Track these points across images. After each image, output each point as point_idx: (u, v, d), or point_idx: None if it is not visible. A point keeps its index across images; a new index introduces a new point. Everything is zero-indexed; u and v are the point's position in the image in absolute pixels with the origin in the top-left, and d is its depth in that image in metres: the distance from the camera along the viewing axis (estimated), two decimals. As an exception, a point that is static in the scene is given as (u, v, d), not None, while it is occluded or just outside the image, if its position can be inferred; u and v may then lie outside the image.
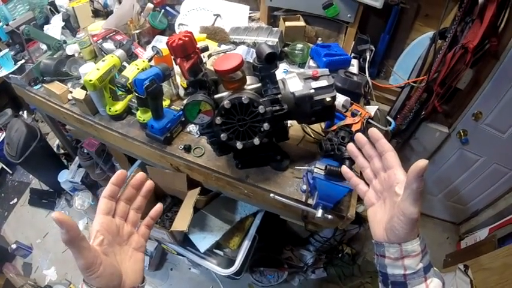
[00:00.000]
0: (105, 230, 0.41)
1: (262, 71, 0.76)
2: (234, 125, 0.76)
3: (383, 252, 0.44)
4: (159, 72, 0.90)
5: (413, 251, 0.41)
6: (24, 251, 1.89)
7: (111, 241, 0.42)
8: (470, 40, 1.07)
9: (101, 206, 0.43)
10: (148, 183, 0.48)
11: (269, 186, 0.89)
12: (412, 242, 0.41)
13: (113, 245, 0.42)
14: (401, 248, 0.42)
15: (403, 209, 0.41)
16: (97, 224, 0.41)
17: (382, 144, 0.47)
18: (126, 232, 0.45)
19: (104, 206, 0.43)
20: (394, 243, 0.42)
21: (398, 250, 0.42)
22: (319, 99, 0.78)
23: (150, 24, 1.33)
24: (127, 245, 0.45)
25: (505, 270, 1.25)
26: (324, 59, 1.08)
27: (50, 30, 1.42)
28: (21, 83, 1.28)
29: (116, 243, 0.43)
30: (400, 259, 0.42)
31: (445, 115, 1.40)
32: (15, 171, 2.34)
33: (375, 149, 0.49)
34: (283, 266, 1.60)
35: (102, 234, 0.41)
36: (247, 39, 1.20)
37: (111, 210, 0.43)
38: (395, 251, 0.42)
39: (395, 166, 0.45)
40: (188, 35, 0.72)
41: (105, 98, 1.06)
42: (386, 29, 1.27)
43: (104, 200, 0.43)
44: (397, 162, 0.45)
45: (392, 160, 0.45)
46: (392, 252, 0.43)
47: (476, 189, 1.65)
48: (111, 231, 0.42)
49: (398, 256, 0.42)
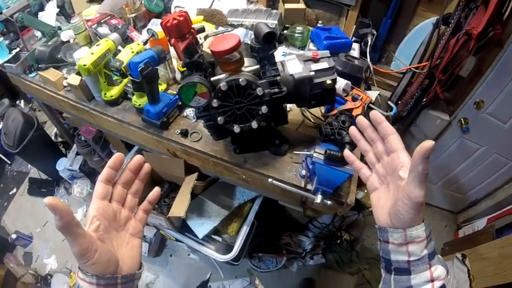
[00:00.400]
0: (101, 215, 0.40)
1: (261, 52, 0.73)
2: (231, 108, 0.74)
3: (386, 238, 0.43)
4: (154, 55, 0.88)
5: (418, 236, 0.40)
6: (24, 241, 1.90)
7: (107, 227, 0.40)
8: (474, 27, 1.05)
9: (97, 191, 0.41)
10: (146, 166, 0.47)
11: (267, 171, 0.88)
12: (417, 228, 0.40)
13: (109, 230, 0.41)
14: (406, 234, 0.40)
15: (408, 192, 0.39)
16: (93, 209, 0.40)
17: (385, 127, 0.45)
18: (123, 217, 0.44)
19: (100, 190, 0.41)
20: (398, 228, 0.41)
21: (403, 235, 0.40)
22: (319, 82, 0.76)
23: (145, 7, 1.30)
24: (124, 230, 0.43)
25: (502, 260, 1.25)
26: (324, 42, 1.06)
27: (44, 17, 1.40)
28: (17, 72, 1.26)
29: (113, 228, 0.42)
30: (404, 245, 0.41)
31: (446, 103, 1.39)
32: (13, 161, 2.33)
33: (377, 132, 0.47)
34: (282, 251, 1.61)
35: (98, 219, 0.39)
36: (246, 21, 1.17)
37: (108, 195, 0.42)
38: (399, 236, 0.41)
39: (399, 149, 0.44)
40: (183, 15, 0.70)
41: (100, 83, 1.04)
42: (389, 13, 1.24)
43: (101, 184, 0.42)
44: (400, 145, 0.44)
45: (395, 143, 0.44)
46: (396, 238, 0.41)
47: (476, 179, 1.65)
48: (108, 216, 0.41)
49: (402, 242, 0.41)
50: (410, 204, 0.39)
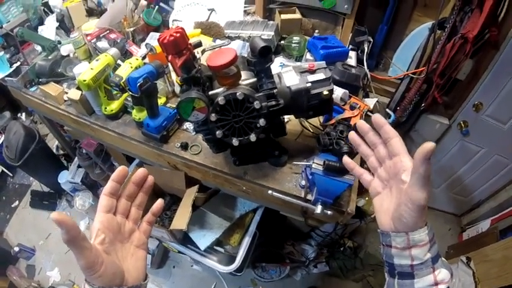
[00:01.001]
0: (106, 228, 0.41)
1: (257, 65, 0.74)
2: (229, 122, 0.75)
3: (389, 242, 0.43)
4: (153, 70, 0.89)
5: (420, 240, 0.40)
6: (27, 253, 1.90)
7: (112, 239, 0.41)
8: (470, 30, 1.05)
9: (102, 204, 0.42)
10: (149, 179, 0.47)
11: (267, 182, 0.88)
12: (419, 231, 0.40)
13: (114, 243, 0.41)
14: (409, 238, 0.40)
15: (411, 195, 0.39)
16: (98, 222, 0.41)
17: (387, 130, 0.44)
18: (128, 229, 0.44)
19: (104, 203, 0.42)
20: (401, 232, 0.41)
21: (405, 239, 0.41)
22: (316, 93, 0.77)
23: (144, 21, 1.32)
24: (128, 242, 0.44)
25: (506, 262, 1.25)
26: (321, 51, 1.06)
27: (44, 31, 1.41)
28: (17, 86, 1.27)
29: (118, 241, 0.42)
30: (407, 249, 0.41)
31: (445, 106, 1.39)
32: (15, 173, 2.34)
33: (379, 136, 0.47)
34: (285, 261, 1.60)
35: (103, 232, 0.40)
36: (243, 33, 1.19)
37: (112, 208, 0.43)
38: (402, 240, 0.41)
39: (401, 153, 0.43)
40: (179, 31, 0.71)
41: (101, 98, 1.05)
42: (384, 19, 1.25)
43: (105, 198, 0.42)
44: (403, 148, 0.43)
45: (398, 146, 0.44)
46: (399, 242, 0.41)
47: (478, 181, 1.64)
48: (113, 229, 0.42)
49: (405, 246, 0.41)
50: (413, 207, 0.39)
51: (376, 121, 0.45)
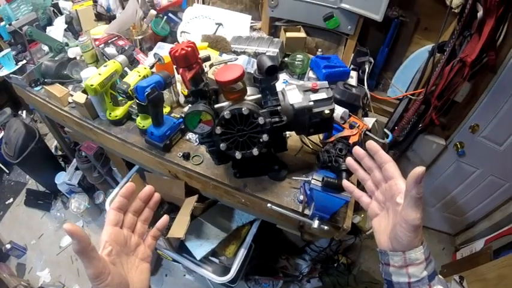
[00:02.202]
0: (114, 240, 0.43)
1: (263, 82, 0.77)
2: (233, 135, 0.77)
3: (387, 261, 0.45)
4: (161, 80, 0.91)
5: (416, 259, 0.42)
6: (18, 252, 1.87)
7: (118, 251, 0.43)
8: (469, 54, 1.07)
9: (110, 217, 0.44)
10: (155, 196, 0.50)
11: (266, 195, 0.89)
12: (415, 250, 0.42)
13: (120, 255, 0.43)
14: (405, 256, 0.43)
15: (405, 216, 0.42)
16: (106, 234, 0.43)
17: (381, 155, 0.48)
18: (134, 243, 0.46)
19: (112, 217, 0.44)
20: (398, 251, 0.43)
21: (402, 258, 0.43)
22: (317, 112, 0.79)
23: (152, 30, 1.34)
24: (134, 255, 0.46)
25: (500, 281, 1.25)
26: (323, 70, 1.09)
27: (52, 32, 1.43)
28: (22, 84, 1.28)
29: (124, 253, 0.44)
30: (404, 267, 0.43)
31: (442, 127, 1.41)
32: (12, 170, 2.33)
33: (374, 160, 0.50)
34: (279, 274, 1.60)
35: (111, 244, 0.42)
36: (249, 49, 1.22)
37: (120, 222, 0.45)
38: (399, 259, 0.43)
39: (395, 176, 0.46)
40: (191, 45, 0.73)
41: (106, 103, 1.07)
42: (386, 41, 1.28)
43: (113, 212, 0.44)
44: (397, 172, 0.46)
45: (392, 171, 0.47)
46: (397, 261, 0.43)
47: (473, 201, 1.66)
48: (119, 242, 0.44)
49: (402, 264, 0.43)
50: (407, 227, 0.42)
51: (370, 147, 0.49)
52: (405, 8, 1.20)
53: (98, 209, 1.94)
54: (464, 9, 1.02)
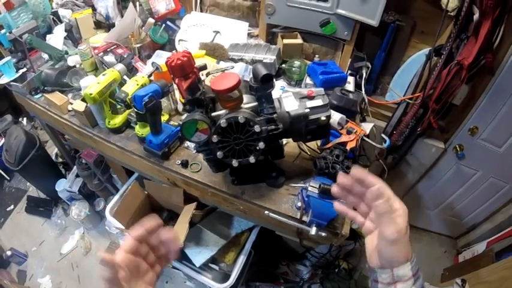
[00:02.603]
0: (127, 265, 0.45)
1: (259, 91, 0.77)
2: (230, 144, 0.77)
3: (376, 277, 0.45)
4: (158, 89, 0.92)
5: (404, 275, 0.42)
6: (19, 258, 1.87)
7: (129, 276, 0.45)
8: (466, 57, 1.07)
9: (128, 245, 0.46)
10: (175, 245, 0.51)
11: (264, 202, 0.90)
12: (403, 267, 0.42)
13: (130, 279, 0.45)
14: (393, 274, 0.43)
15: (381, 231, 0.43)
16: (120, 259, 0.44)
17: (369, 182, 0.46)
18: (143, 269, 0.48)
19: (131, 245, 0.46)
20: (386, 268, 0.44)
21: (390, 275, 0.43)
22: (314, 119, 0.80)
23: (151, 38, 1.35)
24: (141, 279, 0.48)
25: (502, 283, 1.24)
26: (320, 76, 1.10)
27: (52, 40, 1.43)
28: (22, 91, 1.29)
29: (133, 277, 0.46)
30: (392, 284, 0.43)
31: (441, 130, 1.41)
32: (12, 177, 2.33)
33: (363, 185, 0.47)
34: (279, 280, 1.59)
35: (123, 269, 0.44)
36: (246, 56, 1.22)
37: (136, 251, 0.47)
38: (387, 276, 0.44)
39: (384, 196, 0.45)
40: (187, 55, 0.74)
41: (105, 111, 1.07)
42: (383, 46, 1.29)
43: (133, 241, 0.46)
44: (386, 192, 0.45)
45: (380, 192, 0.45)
46: (385, 278, 0.44)
47: (473, 203, 1.65)
48: (132, 267, 0.46)
49: (390, 281, 0.43)
50: (386, 242, 0.43)
51: (357, 176, 0.46)
52: (401, 12, 1.20)
53: (98, 215, 1.94)
54: (460, 12, 1.03)
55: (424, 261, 1.82)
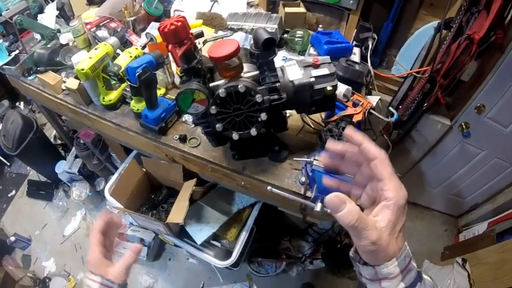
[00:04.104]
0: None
1: (260, 58, 0.73)
2: (229, 115, 0.73)
3: (359, 270, 0.39)
4: (152, 60, 0.87)
5: (389, 273, 0.36)
6: (23, 243, 1.89)
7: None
8: (476, 31, 1.03)
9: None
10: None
11: (267, 178, 0.87)
12: (387, 265, 0.35)
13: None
14: (376, 271, 0.36)
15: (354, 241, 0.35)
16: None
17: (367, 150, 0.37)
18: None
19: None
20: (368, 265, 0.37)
21: (373, 272, 0.37)
22: (319, 89, 0.75)
23: (145, 10, 1.29)
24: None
25: (502, 265, 1.25)
26: (324, 46, 1.05)
27: (44, 19, 1.40)
28: (16, 74, 1.25)
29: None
30: (376, 281, 0.37)
31: (447, 107, 1.38)
32: (12, 163, 2.33)
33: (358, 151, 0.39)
34: (281, 256, 1.60)
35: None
36: (245, 25, 1.17)
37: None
38: (370, 272, 0.37)
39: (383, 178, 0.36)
40: (181, 20, 0.69)
41: (99, 88, 1.04)
42: (390, 17, 1.23)
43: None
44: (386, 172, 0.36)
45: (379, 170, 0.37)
46: (368, 273, 0.38)
47: (476, 183, 1.64)
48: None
49: (374, 278, 0.37)
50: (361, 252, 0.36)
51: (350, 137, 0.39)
52: (410, -18, 1.14)
53: (99, 196, 1.94)
54: (472, -16, 0.97)
55: (425, 238, 1.83)
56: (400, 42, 1.31)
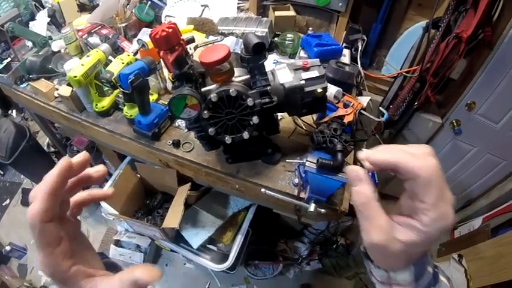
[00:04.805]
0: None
1: (251, 62, 0.73)
2: (222, 119, 0.74)
3: (370, 270, 0.37)
4: (144, 66, 0.87)
5: (403, 280, 0.33)
6: (18, 253, 1.87)
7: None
8: (464, 30, 1.05)
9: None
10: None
11: (260, 180, 0.87)
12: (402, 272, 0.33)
13: None
14: (389, 275, 0.34)
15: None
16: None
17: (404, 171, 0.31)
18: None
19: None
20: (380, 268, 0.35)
21: (385, 275, 0.34)
22: (309, 91, 0.76)
23: (136, 16, 1.30)
24: None
25: (498, 259, 1.26)
26: (314, 49, 1.06)
27: (35, 27, 1.39)
28: (8, 82, 1.25)
29: None
30: (387, 284, 0.35)
31: (438, 105, 1.40)
32: (6, 171, 2.30)
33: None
34: (278, 258, 1.61)
35: None
36: (236, 29, 1.17)
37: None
38: (381, 275, 0.35)
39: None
40: (172, 26, 0.70)
41: (91, 94, 1.04)
42: (379, 18, 1.25)
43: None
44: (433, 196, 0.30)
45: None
46: (379, 275, 0.35)
47: (470, 179, 1.65)
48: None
49: (385, 281, 0.35)
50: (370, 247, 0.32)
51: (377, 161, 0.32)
52: (398, -17, 1.16)
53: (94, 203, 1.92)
54: (459, -16, 0.99)
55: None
56: (389, 43, 1.33)
